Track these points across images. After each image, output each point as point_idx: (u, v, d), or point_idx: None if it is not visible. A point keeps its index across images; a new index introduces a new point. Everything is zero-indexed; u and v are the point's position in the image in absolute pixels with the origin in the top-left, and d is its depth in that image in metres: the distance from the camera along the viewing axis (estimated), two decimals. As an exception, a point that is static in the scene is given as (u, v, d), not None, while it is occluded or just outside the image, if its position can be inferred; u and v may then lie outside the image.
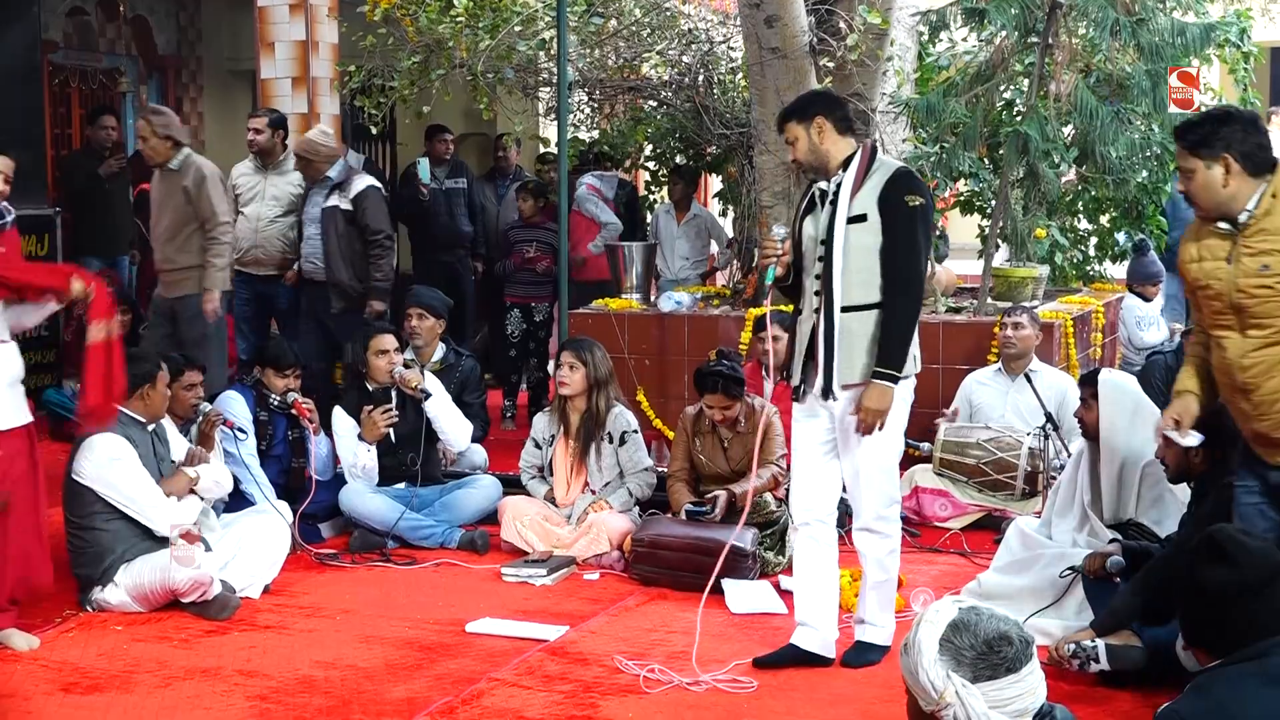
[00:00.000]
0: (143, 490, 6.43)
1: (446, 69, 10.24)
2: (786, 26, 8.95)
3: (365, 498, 7.65)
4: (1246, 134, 4.64)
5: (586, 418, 7.60)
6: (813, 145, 5.57)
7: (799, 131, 5.59)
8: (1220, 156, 4.62)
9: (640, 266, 10.03)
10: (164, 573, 6.32)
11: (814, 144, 5.57)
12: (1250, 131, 4.65)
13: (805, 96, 5.86)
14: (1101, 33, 8.80)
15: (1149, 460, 6.17)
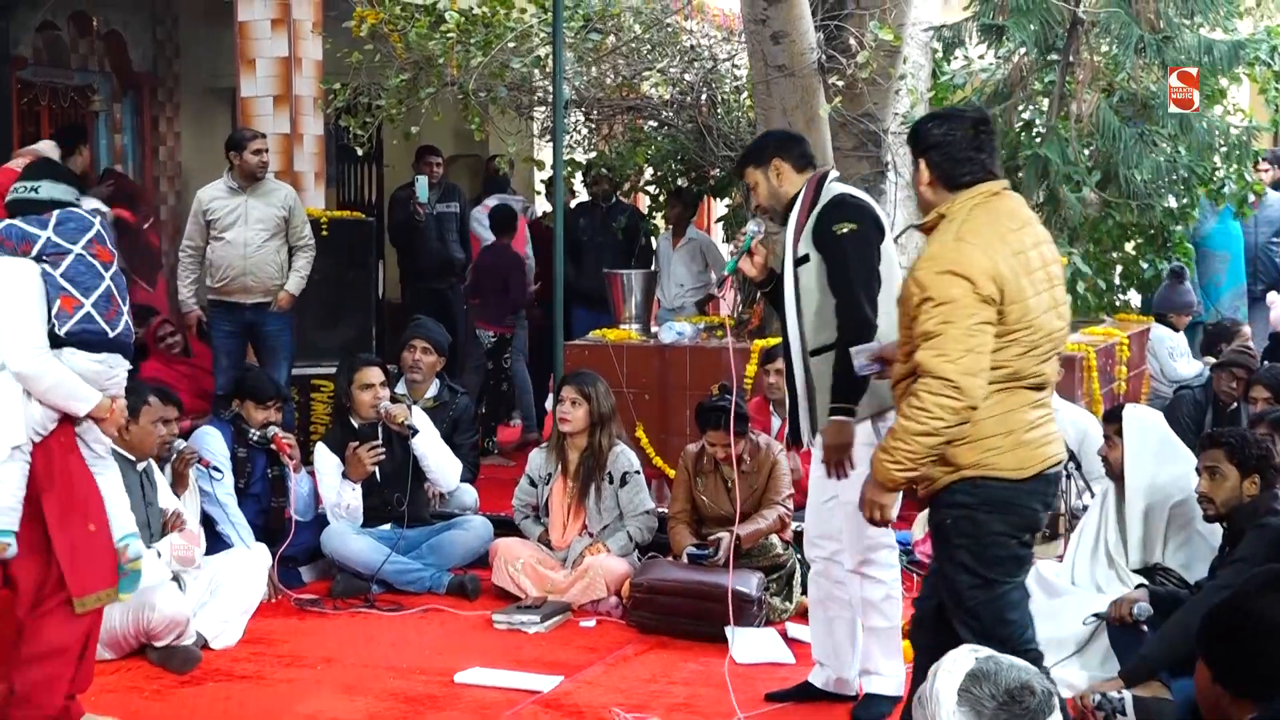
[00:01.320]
0: None
1: (436, 87, 10.25)
2: (794, 43, 8.96)
3: (349, 539, 7.62)
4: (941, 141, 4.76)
5: (587, 457, 7.58)
6: (773, 189, 5.63)
7: (757, 176, 5.64)
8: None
9: (640, 295, 10.01)
10: (136, 614, 6.29)
11: (774, 188, 5.63)
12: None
13: (759, 139, 5.89)
14: (1125, 50, 8.81)
15: (1177, 500, 6.15)
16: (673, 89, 10.89)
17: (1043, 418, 4.65)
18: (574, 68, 10.53)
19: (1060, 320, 4.68)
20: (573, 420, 7.55)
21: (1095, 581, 6.32)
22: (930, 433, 4.47)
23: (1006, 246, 4.55)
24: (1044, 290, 4.61)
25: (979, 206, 4.63)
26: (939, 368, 4.44)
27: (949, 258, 4.51)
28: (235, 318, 9.58)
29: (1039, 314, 4.56)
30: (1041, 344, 4.59)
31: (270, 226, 9.55)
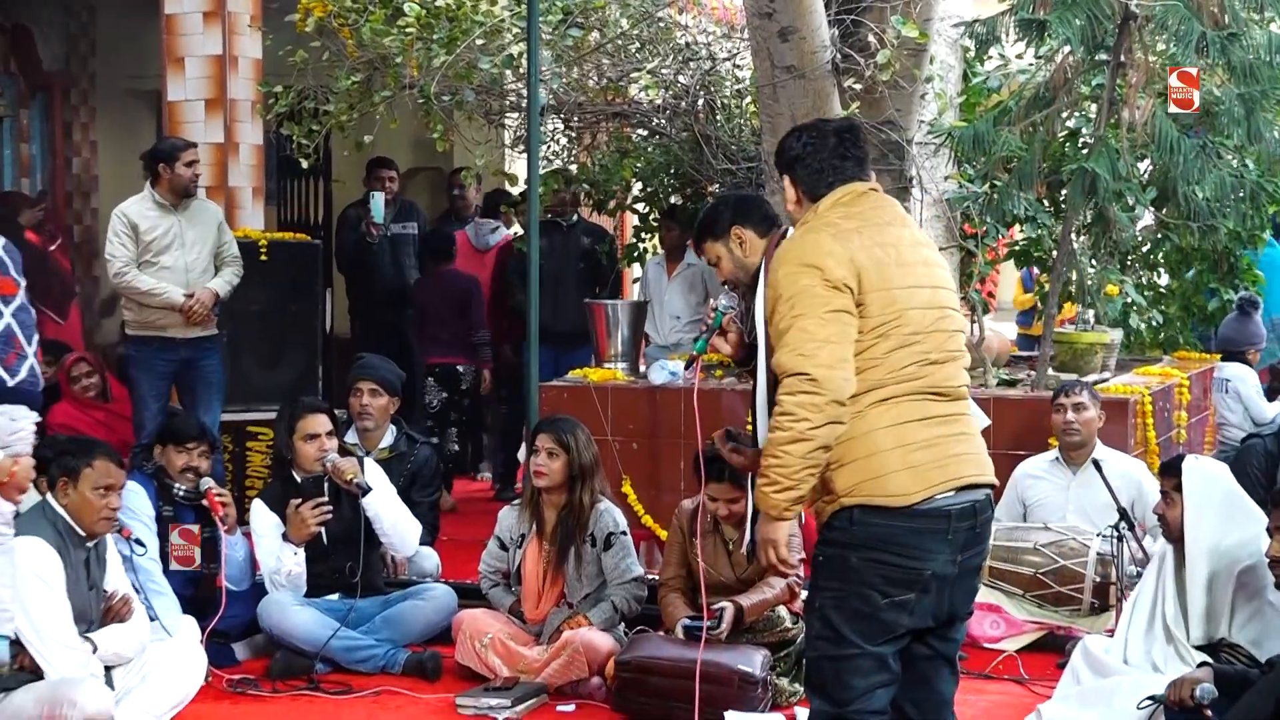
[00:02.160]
0: (55, 624, 6.26)
1: (393, 90, 10.29)
2: (804, 40, 9.01)
3: (290, 611, 7.62)
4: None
5: (565, 515, 7.57)
6: (738, 260, 5.45)
7: (718, 250, 5.48)
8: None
9: (627, 330, 10.02)
10: (53, 709, 6.20)
11: (739, 259, 5.46)
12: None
13: (710, 210, 5.64)
14: (1184, 49, 8.84)
15: (1245, 566, 6.16)
16: (665, 93, 10.94)
17: (944, 436, 4.66)
18: (551, 68, 10.58)
19: (951, 325, 4.75)
20: (549, 473, 7.55)
21: (1151, 659, 6.34)
22: (798, 438, 4.51)
23: (868, 236, 4.70)
24: (925, 286, 4.72)
25: (838, 204, 4.82)
26: (793, 364, 4.54)
27: (795, 250, 4.70)
28: (168, 355, 9.54)
29: (912, 306, 4.65)
30: (921, 342, 4.65)
31: (207, 249, 9.57)
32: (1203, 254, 10.80)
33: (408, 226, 12.05)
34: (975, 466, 4.71)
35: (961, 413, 4.75)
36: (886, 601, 4.59)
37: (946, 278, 4.85)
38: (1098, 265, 9.98)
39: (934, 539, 4.59)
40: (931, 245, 4.92)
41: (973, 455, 4.73)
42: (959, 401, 4.74)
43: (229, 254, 9.65)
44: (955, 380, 4.73)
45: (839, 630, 4.63)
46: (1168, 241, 10.45)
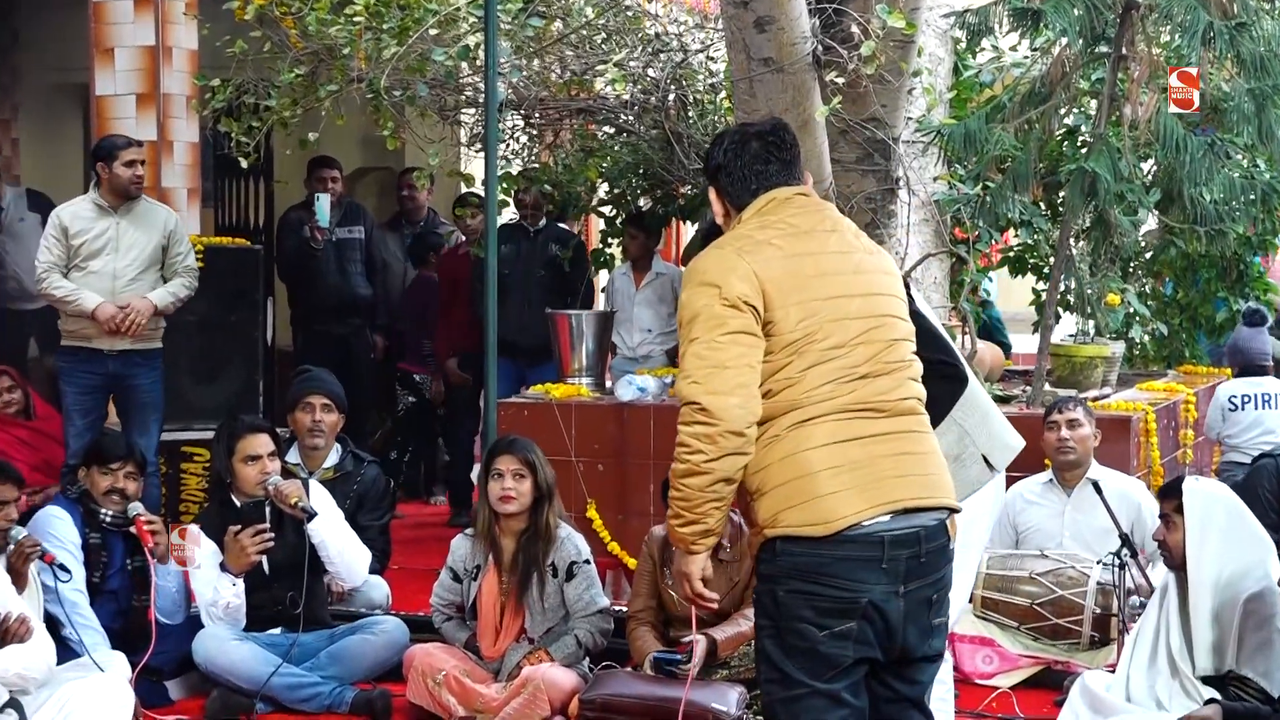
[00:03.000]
0: None
1: (340, 84, 10.28)
2: (783, 31, 9.03)
3: (228, 646, 7.60)
4: None
5: (526, 542, 7.56)
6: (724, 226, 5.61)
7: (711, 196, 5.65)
8: None
9: (592, 342, 10.03)
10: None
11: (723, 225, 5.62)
12: None
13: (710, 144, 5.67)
14: (1190, 41, 8.87)
15: (1252, 593, 6.19)
16: (633, 87, 10.94)
17: (879, 456, 4.60)
18: (511, 60, 10.58)
19: (889, 334, 4.71)
20: (519, 496, 7.52)
21: (1155, 695, 6.36)
22: (694, 471, 4.55)
23: (782, 246, 4.68)
24: (854, 295, 4.68)
25: (758, 213, 4.80)
26: (686, 391, 4.55)
27: (698, 268, 4.69)
28: (95, 368, 9.51)
29: (833, 318, 4.62)
30: (845, 356, 4.61)
31: (146, 256, 9.52)
32: (1210, 261, 10.84)
33: (354, 231, 12.03)
34: (921, 488, 4.63)
35: (904, 430, 4.67)
36: (825, 634, 4.55)
37: (888, 283, 4.80)
38: (1098, 273, 10.01)
39: (865, 568, 4.53)
40: (872, 250, 4.87)
41: (918, 476, 4.65)
42: (901, 417, 4.67)
43: (182, 264, 9.61)
44: (893, 394, 4.66)
45: (783, 669, 4.61)
46: (1173, 247, 10.49)
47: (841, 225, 4.86)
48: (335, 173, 12.01)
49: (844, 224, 4.88)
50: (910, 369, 4.74)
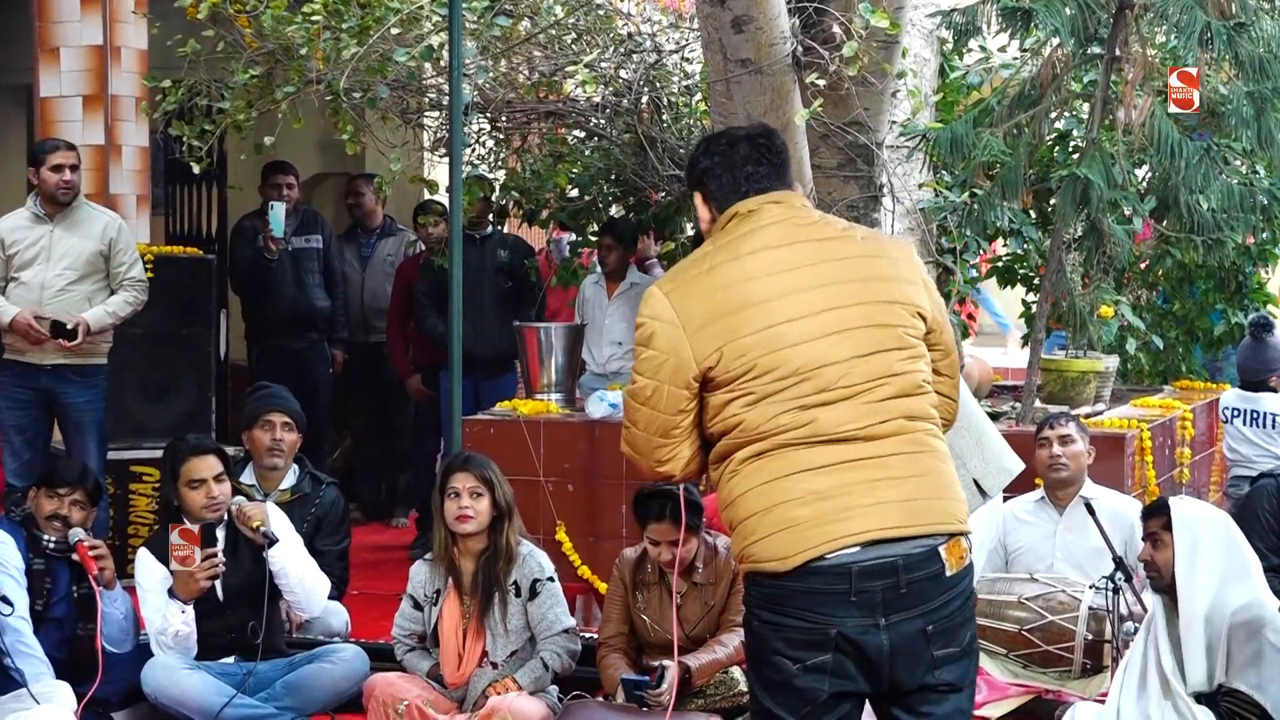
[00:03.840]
0: None
1: (297, 85, 10.27)
2: (761, 31, 9.04)
3: (179, 676, 7.57)
4: None
5: (487, 562, 7.56)
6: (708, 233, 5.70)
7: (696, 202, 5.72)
8: None
9: (561, 356, 10.04)
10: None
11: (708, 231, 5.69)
12: None
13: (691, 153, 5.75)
14: (1187, 42, 8.90)
15: (1241, 605, 6.21)
16: (604, 89, 10.95)
17: (843, 485, 4.55)
18: (476, 61, 10.58)
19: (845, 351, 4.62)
20: (477, 515, 7.51)
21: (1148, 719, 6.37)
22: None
23: (718, 277, 4.70)
24: (810, 314, 4.62)
25: (720, 229, 4.85)
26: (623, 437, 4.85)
27: (648, 295, 4.86)
28: (29, 383, 9.51)
29: (777, 348, 4.59)
30: (798, 384, 4.58)
31: (80, 265, 9.51)
32: (1208, 271, 10.87)
33: (311, 240, 12.02)
34: (898, 517, 4.55)
35: (885, 453, 4.59)
36: (798, 667, 4.53)
37: (874, 290, 4.69)
38: (1090, 284, 10.03)
39: (832, 601, 4.50)
40: (869, 253, 4.78)
41: (896, 504, 4.56)
42: (880, 441, 4.59)
43: (126, 276, 9.59)
44: (862, 419, 4.58)
45: (762, 704, 4.63)
46: (1169, 257, 10.50)
47: (815, 234, 4.79)
48: (291, 179, 12.00)
49: (825, 229, 4.81)
50: (895, 383, 4.62)
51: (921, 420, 4.66)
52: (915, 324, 4.71)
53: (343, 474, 11.77)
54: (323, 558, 8.26)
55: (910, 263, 4.83)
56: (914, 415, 4.65)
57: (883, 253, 4.81)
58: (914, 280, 4.77)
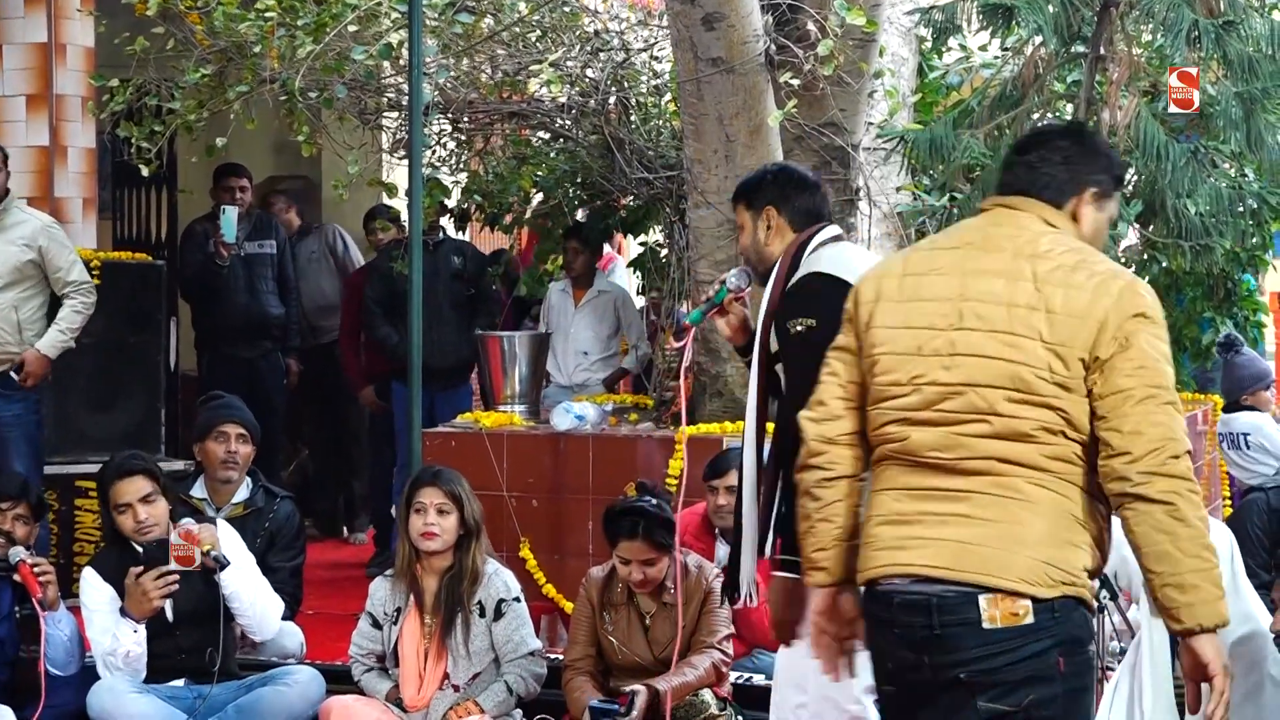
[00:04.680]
0: None
1: (250, 85, 10.26)
2: (733, 29, 9.05)
3: (126, 700, 7.55)
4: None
5: (452, 581, 7.56)
6: (757, 243, 5.86)
7: (745, 220, 5.89)
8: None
9: (525, 366, 10.04)
10: None
11: (758, 241, 5.85)
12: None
13: (757, 176, 6.02)
14: (1174, 40, 8.93)
15: (1240, 636, 6.22)
16: (570, 89, 10.95)
17: (920, 514, 4.53)
18: (437, 60, 10.58)
19: (953, 377, 4.53)
20: (443, 533, 7.52)
21: (1136, 748, 6.39)
22: (802, 491, 4.70)
23: (914, 261, 4.74)
24: (941, 329, 4.56)
25: None
26: None
27: None
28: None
29: (900, 351, 4.59)
30: (906, 395, 4.56)
31: (7, 271, 9.43)
32: (1196, 278, 10.87)
33: (264, 245, 11.98)
34: (946, 557, 4.48)
35: (955, 489, 4.51)
36: (879, 695, 4.71)
37: (1009, 318, 4.53)
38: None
39: (880, 629, 4.57)
40: (1039, 279, 4.56)
41: (950, 544, 4.49)
42: (954, 476, 4.51)
43: (68, 280, 9.52)
44: (949, 449, 4.51)
45: None
46: (1155, 264, 10.51)
47: (1010, 245, 4.65)
48: (244, 182, 11.97)
49: (1016, 244, 4.65)
50: (994, 423, 4.50)
51: (1024, 467, 4.51)
52: (1050, 366, 4.49)
53: (297, 487, 11.76)
54: (275, 575, 8.24)
55: (1096, 299, 4.53)
56: (1011, 460, 4.51)
57: (1060, 281, 4.56)
58: (1080, 315, 4.52)
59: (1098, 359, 4.47)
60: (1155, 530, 4.42)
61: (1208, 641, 4.39)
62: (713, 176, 9.25)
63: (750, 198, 5.88)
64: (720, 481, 8.02)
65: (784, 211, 5.81)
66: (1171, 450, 4.41)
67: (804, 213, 5.82)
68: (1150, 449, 4.41)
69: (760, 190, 5.88)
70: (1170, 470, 4.39)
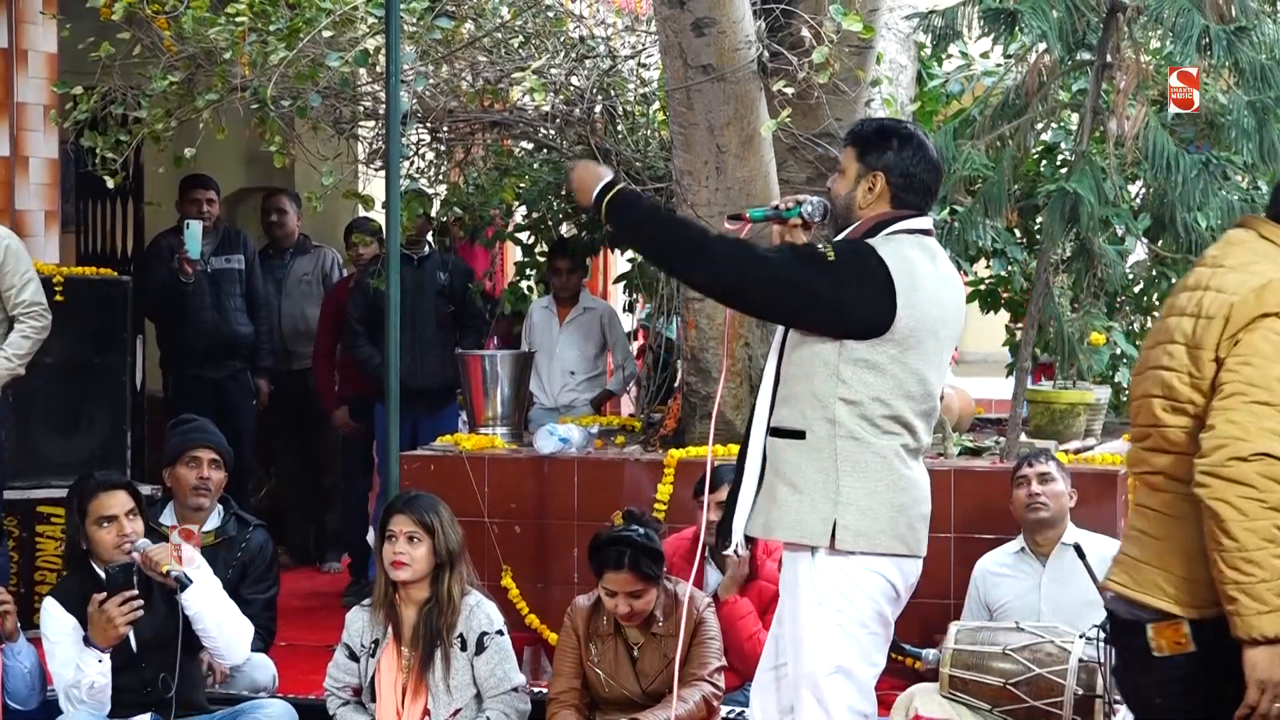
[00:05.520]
0: None
1: (220, 93, 10.25)
2: (724, 35, 9.06)
3: (90, 735, 7.56)
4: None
5: (429, 612, 7.54)
6: (851, 197, 5.87)
7: (851, 168, 5.91)
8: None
9: (508, 387, 10.04)
10: None
11: (853, 196, 5.86)
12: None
13: (882, 133, 5.98)
14: (1184, 47, 8.94)
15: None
16: (554, 97, 10.97)
17: None
18: (416, 67, 10.58)
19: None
20: (412, 563, 7.51)
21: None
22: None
23: None
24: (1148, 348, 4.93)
25: None
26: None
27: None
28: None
29: None
30: None
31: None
32: (1207, 295, 10.89)
33: (232, 260, 11.97)
34: None
35: None
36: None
37: (1168, 326, 4.92)
38: (1080, 308, 10.06)
39: None
40: (1195, 295, 4.92)
41: None
42: None
43: (17, 301, 9.47)
44: None
45: None
46: (1164, 280, 10.54)
47: (1210, 258, 5.02)
48: (212, 194, 11.96)
49: (1213, 256, 5.02)
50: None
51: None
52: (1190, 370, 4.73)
53: (269, 515, 11.74)
54: (248, 607, 8.22)
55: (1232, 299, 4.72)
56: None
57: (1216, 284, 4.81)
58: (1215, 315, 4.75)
59: (1220, 359, 4.64)
60: (1208, 535, 4.55)
61: (1257, 652, 4.50)
62: (703, 189, 9.26)
63: (866, 150, 5.87)
64: (714, 497, 8.03)
65: (894, 184, 5.83)
66: (1235, 450, 4.49)
67: (913, 193, 5.85)
68: (1215, 446, 4.53)
69: (880, 150, 5.85)
70: (1229, 473, 4.49)
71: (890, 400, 5.63)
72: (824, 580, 5.66)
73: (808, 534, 5.66)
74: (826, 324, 5.64)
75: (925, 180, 5.84)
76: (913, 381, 5.65)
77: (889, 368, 5.61)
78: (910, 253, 5.68)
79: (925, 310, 5.64)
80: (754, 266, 5.67)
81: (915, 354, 5.64)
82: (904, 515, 5.70)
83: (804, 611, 5.68)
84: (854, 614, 5.67)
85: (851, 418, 5.62)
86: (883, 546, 5.67)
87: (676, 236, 5.91)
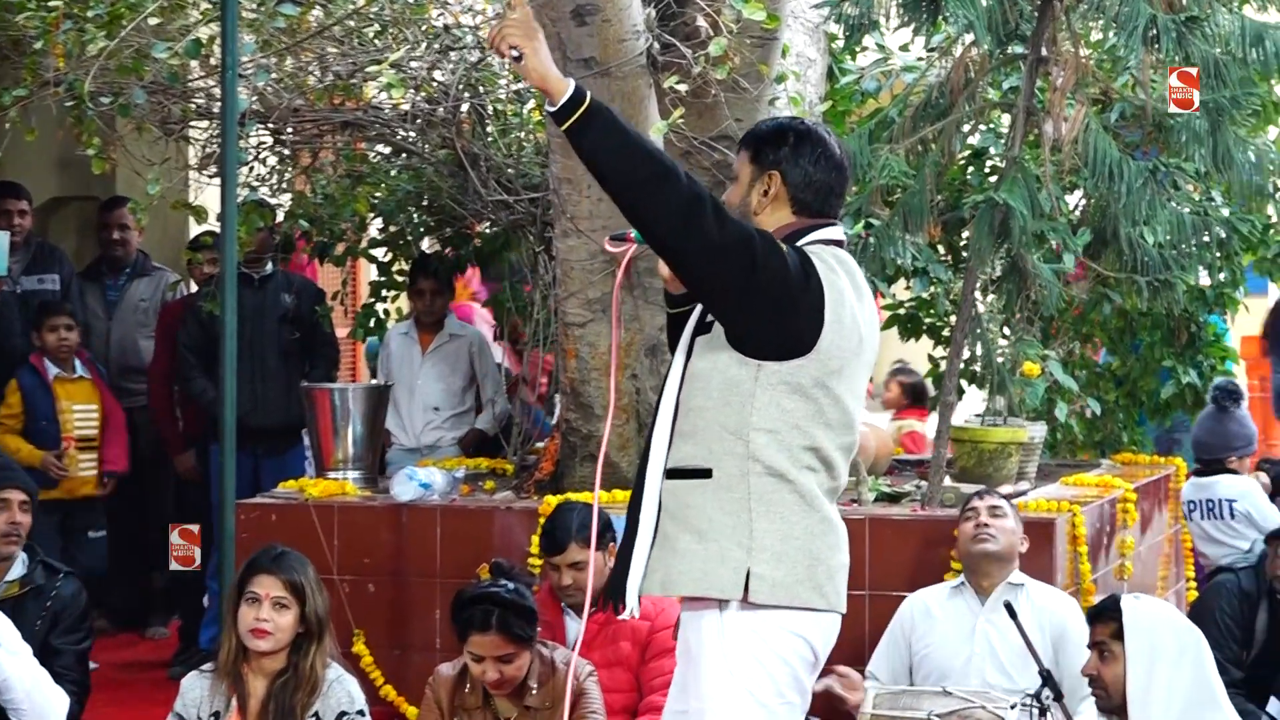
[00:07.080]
0: None
1: (29, 88, 10.20)
2: (609, 24, 9.07)
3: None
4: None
5: (283, 686, 7.46)
6: (745, 205, 5.81)
7: (744, 173, 5.88)
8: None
9: (361, 425, 10.00)
10: None
11: (748, 204, 5.81)
12: None
13: (777, 128, 5.96)
14: (1129, 40, 8.98)
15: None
16: (415, 94, 10.95)
17: None
18: (256, 59, 10.55)
19: None
20: (276, 632, 7.41)
21: None
22: None
23: None
24: None
25: None
26: None
27: None
28: None
29: None
30: None
31: None
32: (1154, 320, 10.96)
33: (46, 280, 11.89)
34: None
35: None
36: None
37: None
38: (1011, 335, 10.10)
39: None
40: None
41: None
42: None
43: None
44: None
45: None
46: (1107, 303, 10.60)
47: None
48: (22, 204, 11.88)
49: None
50: None
51: None
52: None
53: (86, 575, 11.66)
54: (59, 658, 8.19)
55: None
56: None
57: None
58: None
59: None
60: None
61: None
62: (584, 199, 9.26)
63: (758, 150, 5.84)
64: (561, 559, 8.02)
65: (791, 184, 5.80)
66: None
67: (815, 193, 5.81)
68: None
69: (773, 147, 5.82)
70: None
71: (810, 429, 5.58)
72: (734, 643, 5.58)
73: (715, 586, 5.56)
74: (758, 323, 5.52)
75: (827, 181, 5.77)
76: (834, 409, 5.60)
77: (811, 391, 5.56)
78: (830, 265, 5.68)
79: (848, 329, 5.61)
80: (714, 222, 5.46)
81: (837, 378, 5.60)
82: (822, 564, 5.62)
83: (709, 681, 5.61)
84: (768, 683, 5.61)
85: (768, 449, 5.55)
86: (801, 599, 5.59)
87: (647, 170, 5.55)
